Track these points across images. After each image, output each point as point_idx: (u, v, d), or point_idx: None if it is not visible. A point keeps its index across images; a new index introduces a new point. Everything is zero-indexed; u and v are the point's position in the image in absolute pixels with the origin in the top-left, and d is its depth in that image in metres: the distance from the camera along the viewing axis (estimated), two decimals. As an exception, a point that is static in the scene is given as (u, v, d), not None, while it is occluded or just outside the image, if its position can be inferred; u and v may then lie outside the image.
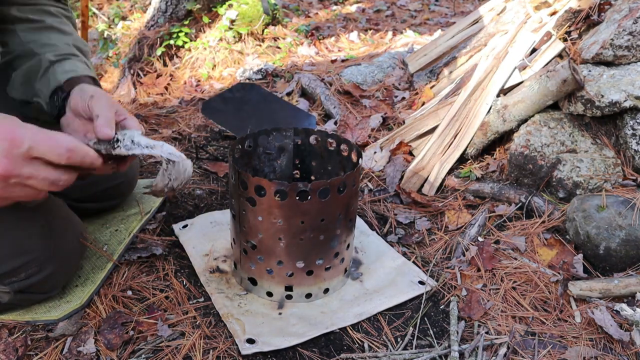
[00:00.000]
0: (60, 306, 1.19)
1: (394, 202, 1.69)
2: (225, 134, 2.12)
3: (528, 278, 1.35)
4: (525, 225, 1.52)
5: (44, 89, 1.12)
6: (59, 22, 1.24)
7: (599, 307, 1.24)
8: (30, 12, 1.20)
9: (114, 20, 3.59)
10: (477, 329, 1.21)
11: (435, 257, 1.45)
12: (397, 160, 1.82)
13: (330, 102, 2.27)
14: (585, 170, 1.55)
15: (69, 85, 1.10)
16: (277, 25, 3.08)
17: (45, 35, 1.19)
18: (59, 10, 1.26)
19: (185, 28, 2.86)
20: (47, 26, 1.21)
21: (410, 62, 2.40)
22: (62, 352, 1.10)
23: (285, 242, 1.18)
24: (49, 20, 1.22)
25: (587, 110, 1.58)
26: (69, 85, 1.10)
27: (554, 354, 1.14)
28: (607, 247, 1.35)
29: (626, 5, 1.67)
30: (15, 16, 1.18)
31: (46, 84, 1.12)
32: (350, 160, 1.34)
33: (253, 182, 1.13)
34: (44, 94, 1.12)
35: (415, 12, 4.06)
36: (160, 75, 2.74)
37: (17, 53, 1.18)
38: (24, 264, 1.09)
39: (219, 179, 1.81)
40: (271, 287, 1.25)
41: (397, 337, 1.19)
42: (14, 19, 1.19)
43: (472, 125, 1.74)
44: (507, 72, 1.77)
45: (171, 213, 1.60)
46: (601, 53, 1.61)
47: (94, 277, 1.28)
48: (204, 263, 1.37)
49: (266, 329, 1.17)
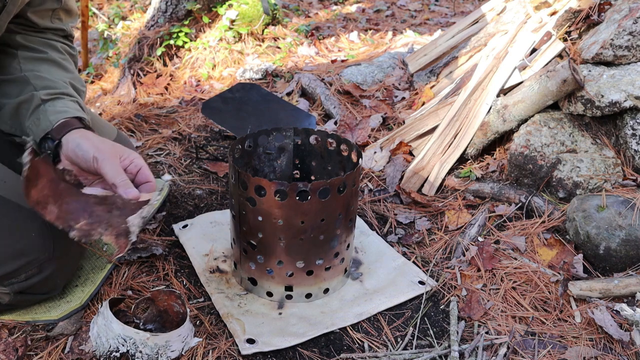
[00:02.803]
0: (60, 306, 1.19)
1: (394, 202, 1.69)
2: (225, 134, 2.12)
3: (528, 278, 1.35)
4: (525, 225, 1.52)
5: (33, 128, 1.10)
6: (62, 57, 1.23)
7: (599, 307, 1.24)
8: (35, 42, 1.20)
9: (114, 20, 3.59)
10: (477, 329, 1.21)
11: (435, 257, 1.45)
12: (397, 160, 1.82)
13: (330, 102, 2.27)
14: (585, 170, 1.55)
15: (59, 130, 1.08)
16: (277, 25, 3.08)
17: (44, 68, 1.17)
18: (64, 47, 1.26)
19: (185, 28, 2.86)
20: (49, 59, 1.20)
21: (410, 62, 2.40)
22: (64, 352, 1.10)
23: (285, 242, 1.18)
24: (53, 54, 1.21)
25: (587, 110, 1.58)
26: (59, 130, 1.08)
27: (554, 354, 1.14)
28: (607, 247, 1.35)
29: (626, 5, 1.67)
30: (19, 42, 1.18)
31: (36, 123, 1.10)
32: (350, 160, 1.34)
33: (253, 182, 1.13)
34: (35, 134, 1.10)
35: (415, 12, 4.06)
36: (160, 75, 2.74)
37: (12, 78, 1.15)
38: (24, 265, 1.09)
39: (219, 179, 1.81)
40: (271, 287, 1.25)
41: (397, 337, 1.19)
42: (18, 45, 1.18)
43: (472, 125, 1.74)
44: (507, 72, 1.77)
45: (171, 213, 1.60)
46: (601, 53, 1.61)
47: (94, 277, 1.28)
48: (204, 263, 1.37)
49: (266, 329, 1.17)
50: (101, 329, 1.08)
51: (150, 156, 1.93)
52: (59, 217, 1.01)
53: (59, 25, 1.25)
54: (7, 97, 1.14)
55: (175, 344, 1.08)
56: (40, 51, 1.20)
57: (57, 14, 1.24)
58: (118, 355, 1.06)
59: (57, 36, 1.26)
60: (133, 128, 2.13)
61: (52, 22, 1.23)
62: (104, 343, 1.06)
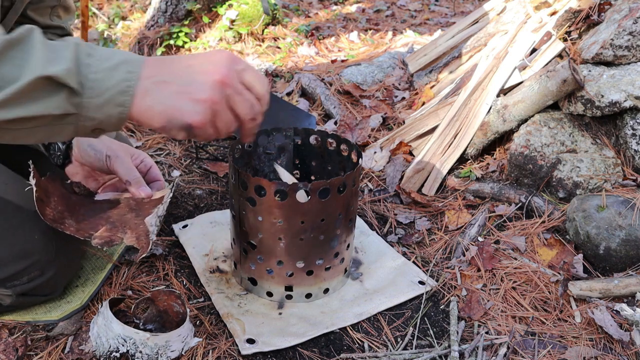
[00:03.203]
0: (60, 306, 1.19)
1: (394, 202, 1.69)
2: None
3: (528, 278, 1.35)
4: (525, 225, 1.52)
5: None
6: None
7: (599, 307, 1.24)
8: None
9: (114, 20, 3.59)
10: (477, 329, 1.21)
11: (435, 257, 1.45)
12: (397, 160, 1.82)
13: (330, 102, 2.27)
14: (585, 170, 1.55)
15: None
16: (277, 25, 3.08)
17: None
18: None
19: (185, 28, 2.86)
20: None
21: (410, 62, 2.40)
22: (64, 352, 1.10)
23: (285, 242, 1.18)
24: None
25: (587, 110, 1.58)
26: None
27: (554, 354, 1.14)
28: (607, 247, 1.35)
29: (626, 5, 1.67)
30: None
31: None
32: (350, 160, 1.34)
33: (253, 182, 1.13)
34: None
35: (415, 12, 4.06)
36: (160, 75, 2.73)
37: None
38: (26, 268, 1.09)
39: (219, 179, 1.81)
40: (271, 287, 1.25)
41: (397, 337, 1.19)
42: None
43: (472, 125, 1.74)
44: (507, 72, 1.77)
45: (171, 213, 1.60)
46: (601, 53, 1.61)
47: (94, 277, 1.28)
48: (204, 263, 1.37)
49: (266, 329, 1.17)
50: (101, 329, 1.08)
51: (151, 156, 1.93)
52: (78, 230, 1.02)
53: (58, 22, 1.25)
54: None
55: (175, 344, 1.08)
56: None
57: (56, 11, 1.24)
58: (118, 355, 1.06)
59: (56, 35, 1.26)
60: (133, 128, 2.12)
61: (52, 20, 1.24)
62: (104, 343, 1.06)
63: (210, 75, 0.78)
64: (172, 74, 0.78)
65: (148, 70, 0.77)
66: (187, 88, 0.77)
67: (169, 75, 0.78)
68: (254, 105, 0.84)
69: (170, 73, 0.78)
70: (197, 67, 0.79)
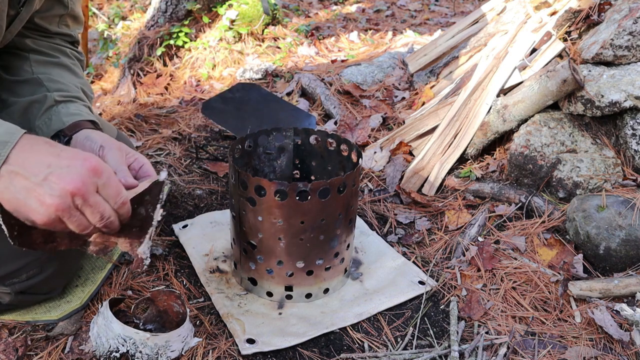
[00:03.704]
0: (60, 306, 1.19)
1: (394, 202, 1.69)
2: (225, 134, 2.12)
3: (528, 278, 1.35)
4: (525, 225, 1.52)
5: (44, 127, 1.11)
6: (72, 63, 1.24)
7: (599, 307, 1.24)
8: (45, 47, 1.21)
9: (114, 20, 3.59)
10: (477, 329, 1.21)
11: (435, 257, 1.45)
12: (397, 160, 1.82)
13: (330, 102, 2.27)
14: (585, 170, 1.55)
15: (71, 129, 1.09)
16: (277, 25, 3.08)
17: (56, 72, 1.18)
18: (73, 52, 1.27)
19: (185, 28, 2.86)
20: (60, 63, 1.20)
21: (410, 62, 2.40)
22: (64, 352, 1.10)
23: (285, 242, 1.18)
24: (63, 58, 1.22)
25: (587, 110, 1.58)
26: (71, 129, 1.09)
27: (554, 354, 1.14)
28: (607, 247, 1.35)
29: (626, 5, 1.67)
30: (30, 46, 1.19)
31: (47, 123, 1.10)
32: (350, 160, 1.34)
33: (253, 182, 1.13)
34: (45, 133, 1.10)
35: (415, 12, 4.06)
36: (160, 75, 2.74)
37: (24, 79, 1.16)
38: (25, 265, 1.09)
39: (219, 179, 1.81)
40: (271, 287, 1.25)
41: (397, 337, 1.19)
42: (29, 49, 1.19)
43: (472, 125, 1.74)
44: (507, 72, 1.77)
45: (171, 213, 1.60)
46: (601, 53, 1.61)
47: (94, 277, 1.28)
48: (204, 263, 1.37)
49: (266, 329, 1.17)
50: (101, 329, 1.08)
51: (150, 156, 1.93)
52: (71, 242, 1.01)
53: (66, 30, 1.26)
54: (17, 96, 1.15)
55: (175, 344, 1.08)
56: (52, 55, 1.20)
57: (64, 20, 1.25)
58: (118, 355, 1.06)
59: (65, 42, 1.27)
60: (133, 128, 2.13)
61: (60, 28, 1.24)
62: (104, 343, 1.06)
63: (63, 184, 0.81)
64: (31, 168, 0.81)
65: (14, 156, 0.81)
66: (37, 188, 0.80)
67: (27, 169, 0.81)
68: (108, 214, 0.87)
69: (29, 166, 0.81)
70: (55, 170, 0.81)
